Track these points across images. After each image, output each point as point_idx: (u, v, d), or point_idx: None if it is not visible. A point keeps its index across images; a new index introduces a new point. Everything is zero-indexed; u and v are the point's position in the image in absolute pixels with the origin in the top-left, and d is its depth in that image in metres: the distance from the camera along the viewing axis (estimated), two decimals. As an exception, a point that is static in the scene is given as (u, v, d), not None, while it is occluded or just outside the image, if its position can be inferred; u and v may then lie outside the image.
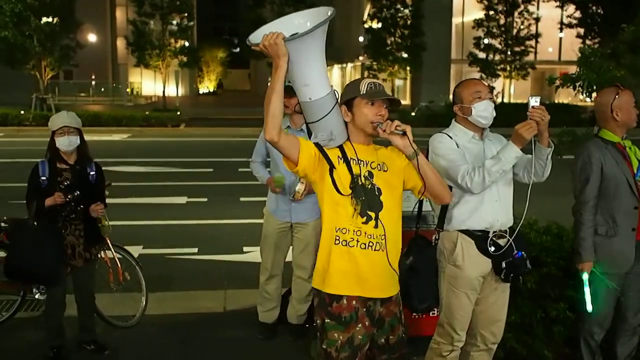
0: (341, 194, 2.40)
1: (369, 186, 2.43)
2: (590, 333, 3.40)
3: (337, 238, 2.42)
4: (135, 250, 5.91)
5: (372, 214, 2.41)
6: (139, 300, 4.47)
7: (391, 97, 2.45)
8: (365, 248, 2.41)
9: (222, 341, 4.22)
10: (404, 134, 2.36)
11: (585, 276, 3.22)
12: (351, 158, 2.45)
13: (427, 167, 2.46)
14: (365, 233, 2.41)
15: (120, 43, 38.40)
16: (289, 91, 2.60)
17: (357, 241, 2.41)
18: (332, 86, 2.46)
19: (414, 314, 3.51)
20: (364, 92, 2.42)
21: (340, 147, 2.48)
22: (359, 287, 2.43)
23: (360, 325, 2.43)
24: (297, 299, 4.20)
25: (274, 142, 2.31)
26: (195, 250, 6.60)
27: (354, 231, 2.41)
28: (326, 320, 2.45)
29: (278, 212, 4.07)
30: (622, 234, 3.22)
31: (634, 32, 4.76)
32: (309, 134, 2.53)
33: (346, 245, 2.41)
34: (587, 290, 3.21)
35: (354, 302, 2.43)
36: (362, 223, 2.41)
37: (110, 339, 4.17)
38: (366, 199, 2.41)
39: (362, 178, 2.44)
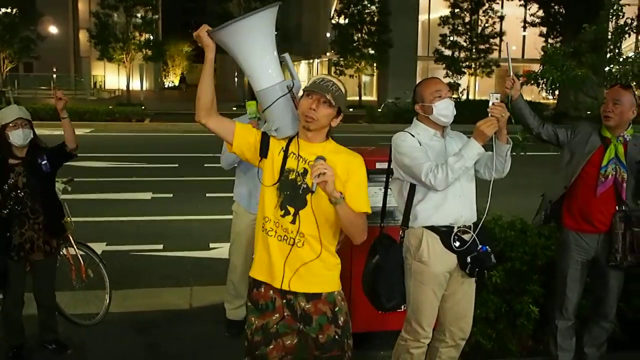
0: (263, 184, 2.49)
1: (299, 182, 2.43)
2: (552, 319, 3.55)
3: (263, 225, 2.50)
4: (99, 247, 5.80)
5: (292, 210, 2.43)
6: (103, 298, 4.38)
7: (322, 95, 2.34)
8: (281, 240, 2.45)
9: (188, 338, 4.17)
10: (313, 192, 2.32)
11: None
12: (292, 152, 2.47)
13: (345, 215, 2.32)
14: (282, 226, 2.45)
15: (83, 35, 37.61)
16: None
17: (275, 232, 2.46)
18: (292, 78, 2.47)
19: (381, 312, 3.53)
20: (308, 84, 2.43)
21: (290, 140, 2.49)
22: (270, 277, 2.48)
23: (277, 315, 2.50)
24: (264, 296, 4.17)
25: (202, 124, 2.45)
26: (161, 246, 6.51)
27: (274, 222, 2.47)
28: (248, 304, 2.60)
29: (252, 205, 4.01)
30: (545, 199, 3.58)
31: (595, 31, 4.86)
32: None
33: (266, 233, 2.48)
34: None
35: (271, 291, 2.49)
36: (280, 216, 2.45)
37: (73, 337, 4.08)
38: (290, 194, 2.44)
39: (295, 173, 2.44)
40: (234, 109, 25.71)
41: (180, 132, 19.14)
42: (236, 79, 37.84)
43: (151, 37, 28.74)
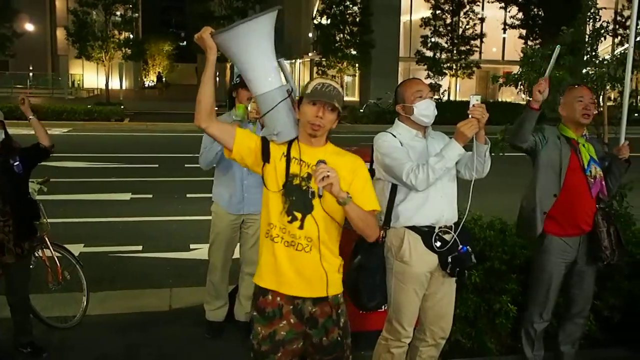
0: (269, 190, 2.46)
1: (304, 187, 2.42)
2: (530, 322, 3.53)
3: (267, 232, 2.48)
4: (76, 249, 5.73)
5: (299, 215, 2.42)
6: (80, 300, 4.32)
7: (328, 102, 2.37)
8: (288, 246, 2.44)
9: (168, 340, 4.13)
10: (320, 196, 2.30)
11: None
12: (293, 157, 2.46)
13: (354, 214, 2.36)
14: (289, 232, 2.43)
15: (61, 33, 37.09)
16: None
17: (282, 238, 2.44)
18: (287, 82, 2.49)
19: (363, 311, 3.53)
20: (309, 91, 2.41)
21: (289, 144, 2.48)
22: (278, 283, 2.46)
23: (284, 322, 2.46)
24: (245, 296, 4.15)
25: (203, 128, 2.41)
26: (140, 247, 6.44)
27: (280, 228, 2.44)
28: (254, 313, 2.53)
29: (231, 205, 4.00)
30: (537, 212, 3.42)
31: (572, 34, 4.91)
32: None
33: (272, 240, 2.46)
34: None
35: (278, 298, 2.47)
36: (288, 222, 2.43)
37: (49, 341, 4.01)
38: (296, 199, 2.42)
39: (299, 178, 2.43)
40: (216, 108, 25.51)
41: (161, 132, 19.00)
42: (217, 79, 37.72)
43: (131, 36, 28.44)
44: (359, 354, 3.76)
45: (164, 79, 51.09)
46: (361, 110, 23.98)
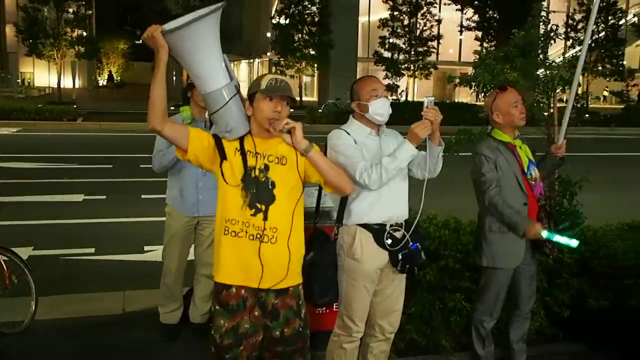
0: (228, 184, 2.47)
1: (263, 179, 2.47)
2: (480, 322, 3.56)
3: (227, 229, 2.48)
4: (26, 252, 5.56)
5: (262, 207, 2.46)
6: (29, 305, 4.18)
7: (287, 95, 2.47)
8: (253, 239, 2.45)
9: (121, 344, 4.03)
10: (289, 132, 2.39)
11: (544, 234, 3.14)
12: (248, 150, 2.50)
13: (322, 161, 2.51)
14: (254, 225, 2.46)
15: (10, 30, 35.87)
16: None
17: (246, 232, 2.46)
18: (232, 79, 2.50)
19: (317, 309, 3.52)
20: (264, 87, 2.45)
21: (241, 139, 2.51)
22: (244, 277, 2.47)
23: (248, 314, 2.49)
24: (200, 298, 4.10)
25: (157, 131, 2.39)
26: (93, 250, 6.29)
27: (242, 222, 2.46)
28: (216, 307, 2.54)
29: (185, 207, 3.93)
30: (519, 226, 3.24)
31: (523, 36, 5.03)
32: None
33: (235, 235, 2.46)
34: (557, 238, 3.14)
35: (242, 291, 2.49)
36: (251, 215, 2.45)
37: (-5, 347, 3.88)
38: (257, 191, 2.46)
39: (257, 170, 2.48)
40: (172, 108, 25.15)
41: (115, 131, 18.60)
42: (174, 77, 37.18)
43: (84, 33, 27.75)
44: (316, 354, 3.76)
45: (115, 78, 49.90)
46: (320, 111, 24.03)
